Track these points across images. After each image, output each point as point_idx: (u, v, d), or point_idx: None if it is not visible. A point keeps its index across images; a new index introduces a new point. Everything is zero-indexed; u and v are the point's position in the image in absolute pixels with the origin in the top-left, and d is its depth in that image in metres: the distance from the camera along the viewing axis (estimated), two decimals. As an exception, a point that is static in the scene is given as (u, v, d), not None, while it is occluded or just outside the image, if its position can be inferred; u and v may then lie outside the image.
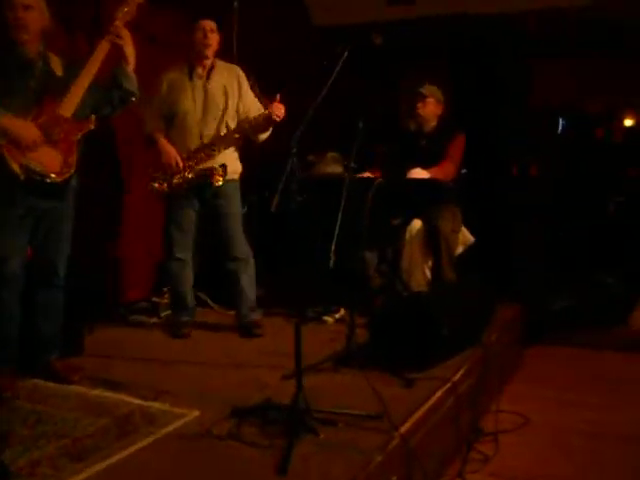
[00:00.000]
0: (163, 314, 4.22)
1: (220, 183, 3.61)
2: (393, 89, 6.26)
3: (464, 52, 5.43)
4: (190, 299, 3.92)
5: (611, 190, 6.42)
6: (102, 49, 2.94)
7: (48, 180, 2.85)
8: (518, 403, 3.54)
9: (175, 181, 3.69)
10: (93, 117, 2.99)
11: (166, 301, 4.28)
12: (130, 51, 2.99)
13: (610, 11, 5.69)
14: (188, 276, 3.88)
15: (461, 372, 3.13)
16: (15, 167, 2.77)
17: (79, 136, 2.94)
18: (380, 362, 3.08)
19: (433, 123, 4.30)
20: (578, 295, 5.26)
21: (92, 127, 2.97)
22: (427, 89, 4.28)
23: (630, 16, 5.74)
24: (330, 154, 5.32)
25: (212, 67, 3.71)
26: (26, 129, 2.79)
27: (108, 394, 2.86)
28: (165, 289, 4.38)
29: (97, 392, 2.88)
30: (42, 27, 2.90)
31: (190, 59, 3.70)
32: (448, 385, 2.95)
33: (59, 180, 2.89)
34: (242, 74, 3.80)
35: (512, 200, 4.86)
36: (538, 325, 4.78)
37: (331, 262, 2.69)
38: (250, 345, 3.66)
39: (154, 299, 4.32)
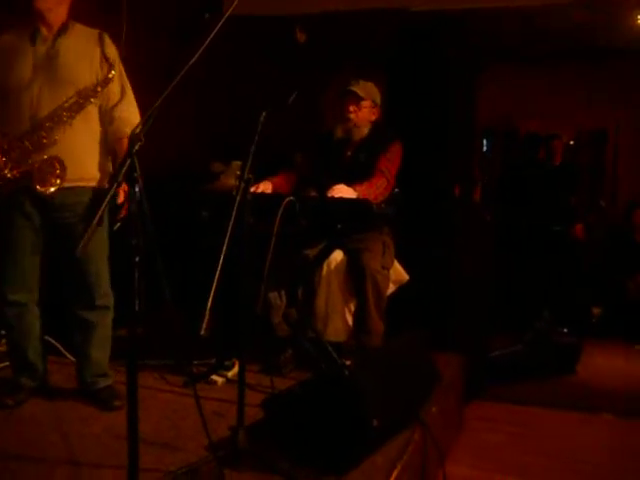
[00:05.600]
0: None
1: (50, 190, 2.50)
2: (317, 88, 5.42)
3: (404, 53, 4.59)
4: (35, 357, 2.82)
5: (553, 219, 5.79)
6: None
7: None
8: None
9: None
10: None
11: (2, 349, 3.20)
12: None
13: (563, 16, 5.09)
14: (30, 325, 2.78)
15: (396, 472, 2.22)
16: None
17: None
18: (278, 461, 2.14)
19: (365, 130, 3.39)
20: (522, 341, 4.60)
21: None
22: (363, 89, 3.35)
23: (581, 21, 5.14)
24: (236, 163, 4.48)
25: (64, 29, 2.64)
26: None
27: None
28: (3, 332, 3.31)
29: None
30: None
31: (34, 17, 2.61)
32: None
33: None
34: (109, 42, 2.71)
35: (453, 227, 4.03)
36: (478, 377, 4.05)
37: (203, 329, 1.72)
38: (100, 424, 2.61)
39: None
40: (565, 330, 4.85)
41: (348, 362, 2.51)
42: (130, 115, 2.71)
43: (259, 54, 5.63)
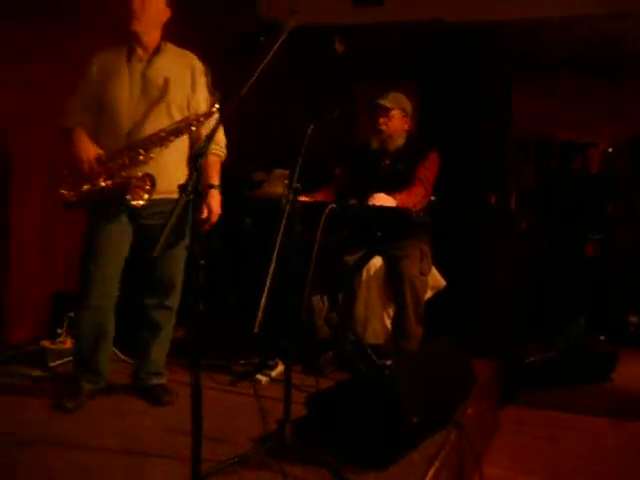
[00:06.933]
0: (53, 364, 3.32)
1: (140, 203, 2.65)
2: (351, 100, 5.55)
3: (437, 64, 4.71)
4: (102, 362, 2.91)
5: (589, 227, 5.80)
6: None
7: None
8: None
9: (84, 189, 2.74)
10: None
11: (59, 347, 3.39)
12: None
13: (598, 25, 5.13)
14: (105, 332, 2.87)
15: (433, 469, 2.33)
16: None
17: None
18: (322, 455, 2.27)
19: (400, 140, 3.51)
20: (557, 348, 4.64)
21: None
22: (391, 100, 3.47)
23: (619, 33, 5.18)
24: (278, 171, 4.59)
25: (158, 50, 2.82)
26: None
27: None
28: (60, 331, 3.49)
29: None
30: None
31: (129, 37, 2.80)
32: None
33: None
34: (199, 64, 2.89)
35: (489, 235, 4.12)
36: (512, 383, 4.13)
37: (256, 325, 1.86)
38: (152, 418, 2.77)
39: (43, 343, 3.41)
40: (602, 337, 4.87)
41: (388, 362, 2.63)
42: (216, 134, 2.83)
43: (290, 68, 5.78)
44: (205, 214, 2.79)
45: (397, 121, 3.50)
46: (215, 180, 2.89)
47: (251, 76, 1.85)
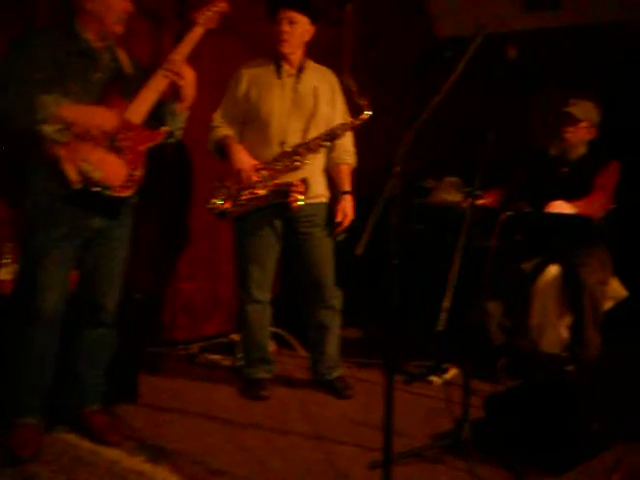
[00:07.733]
0: (240, 355, 3.62)
1: (300, 203, 2.87)
2: (524, 105, 5.46)
3: (618, 68, 4.53)
4: (268, 351, 3.22)
5: None
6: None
7: (108, 193, 2.33)
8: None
9: (243, 198, 2.97)
10: (166, 129, 2.52)
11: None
12: (189, 92, 2.51)
13: None
14: (266, 322, 3.18)
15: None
16: (72, 172, 2.25)
17: (147, 148, 2.45)
18: (501, 455, 2.33)
19: (582, 149, 3.44)
20: None
21: (161, 140, 2.50)
22: (581, 110, 3.38)
23: None
24: (448, 179, 4.68)
25: (302, 66, 3.06)
26: (104, 116, 2.33)
27: (147, 467, 2.28)
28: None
29: (135, 462, 2.31)
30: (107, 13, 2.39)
31: (276, 55, 3.06)
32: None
33: (121, 195, 2.38)
34: (335, 80, 3.15)
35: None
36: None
37: (440, 324, 1.97)
38: (335, 409, 2.97)
39: (232, 336, 3.74)
40: None
41: (568, 368, 2.62)
42: (348, 144, 3.13)
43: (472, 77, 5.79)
44: (340, 218, 3.02)
45: (583, 131, 3.42)
46: (347, 186, 3.11)
47: (442, 90, 1.96)
